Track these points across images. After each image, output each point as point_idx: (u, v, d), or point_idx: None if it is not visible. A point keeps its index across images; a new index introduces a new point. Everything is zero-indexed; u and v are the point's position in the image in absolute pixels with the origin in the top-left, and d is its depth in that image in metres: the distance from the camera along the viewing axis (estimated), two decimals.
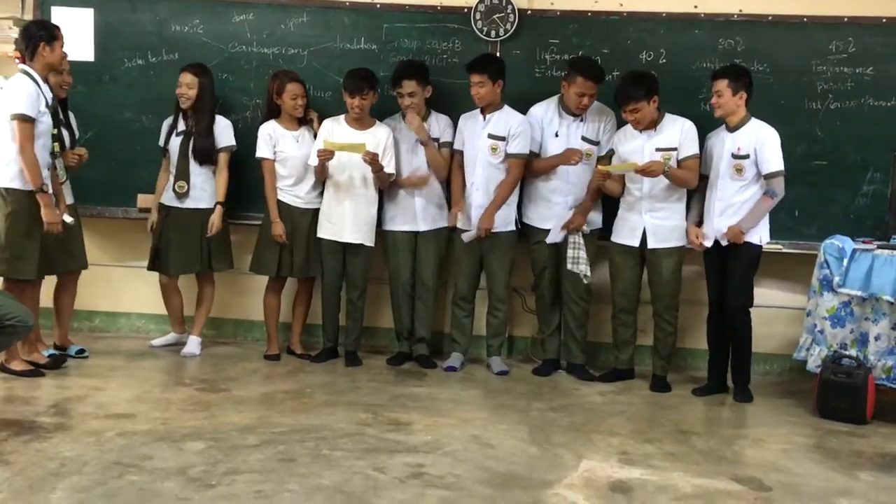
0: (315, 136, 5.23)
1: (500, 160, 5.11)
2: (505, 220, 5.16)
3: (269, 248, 5.22)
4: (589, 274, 5.07)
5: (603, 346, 5.40)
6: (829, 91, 5.22)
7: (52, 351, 5.03)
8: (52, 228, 4.59)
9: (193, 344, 5.32)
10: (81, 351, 5.15)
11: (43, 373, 4.74)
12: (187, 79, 5.13)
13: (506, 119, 5.11)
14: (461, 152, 5.19)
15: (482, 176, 5.13)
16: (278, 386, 4.80)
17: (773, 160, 4.79)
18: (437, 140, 5.22)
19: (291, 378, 4.99)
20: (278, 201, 5.21)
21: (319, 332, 5.45)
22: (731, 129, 4.85)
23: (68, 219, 4.80)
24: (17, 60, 4.82)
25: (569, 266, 5.06)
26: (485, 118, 5.12)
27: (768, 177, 4.79)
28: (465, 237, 5.11)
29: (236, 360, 5.30)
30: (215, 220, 5.20)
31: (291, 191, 5.22)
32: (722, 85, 4.79)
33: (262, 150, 5.20)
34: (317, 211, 5.24)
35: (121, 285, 5.73)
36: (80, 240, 5.08)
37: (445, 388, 4.91)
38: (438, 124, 5.23)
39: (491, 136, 5.10)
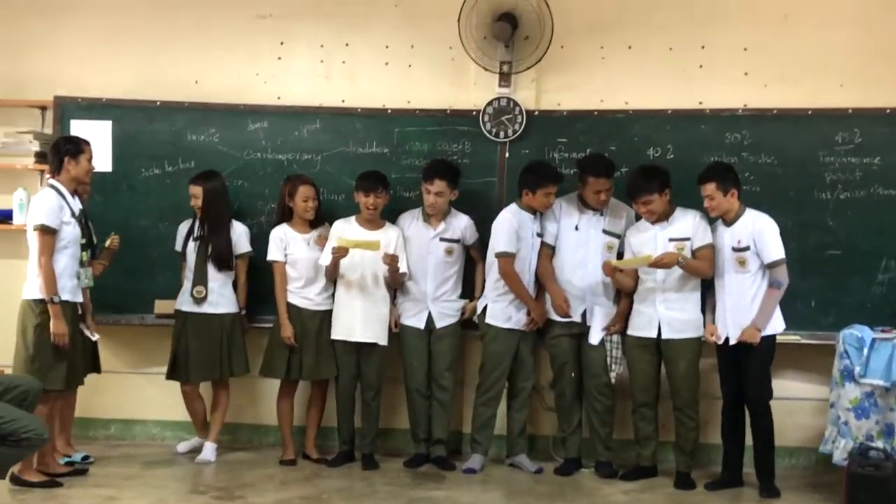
0: (319, 248, 5.25)
1: None
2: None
3: (279, 350, 5.23)
4: (620, 372, 5.09)
5: (625, 442, 5.31)
6: (838, 181, 5.25)
7: (68, 459, 5.00)
8: (59, 340, 4.63)
9: (209, 450, 5.27)
10: (86, 457, 5.12)
11: (60, 483, 4.70)
12: (193, 190, 5.23)
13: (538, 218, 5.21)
14: (514, 254, 5.12)
15: (533, 274, 5.18)
16: (294, 492, 4.73)
17: (773, 248, 4.78)
18: (458, 241, 5.25)
19: (308, 483, 4.91)
20: (288, 303, 5.23)
21: (335, 435, 5.39)
22: (728, 224, 4.87)
23: (94, 336, 4.93)
24: (48, 175, 4.95)
25: (611, 368, 5.08)
26: (534, 218, 5.18)
27: (770, 266, 4.78)
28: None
29: (252, 465, 5.23)
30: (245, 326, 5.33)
31: (301, 293, 5.24)
32: (711, 189, 4.81)
33: (273, 253, 5.26)
34: (327, 313, 5.25)
35: (136, 392, 5.71)
36: (96, 348, 5.11)
37: (465, 491, 4.82)
38: (459, 225, 5.27)
39: (538, 235, 5.18)
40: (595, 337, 5.11)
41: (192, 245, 5.25)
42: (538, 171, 5.14)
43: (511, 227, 5.11)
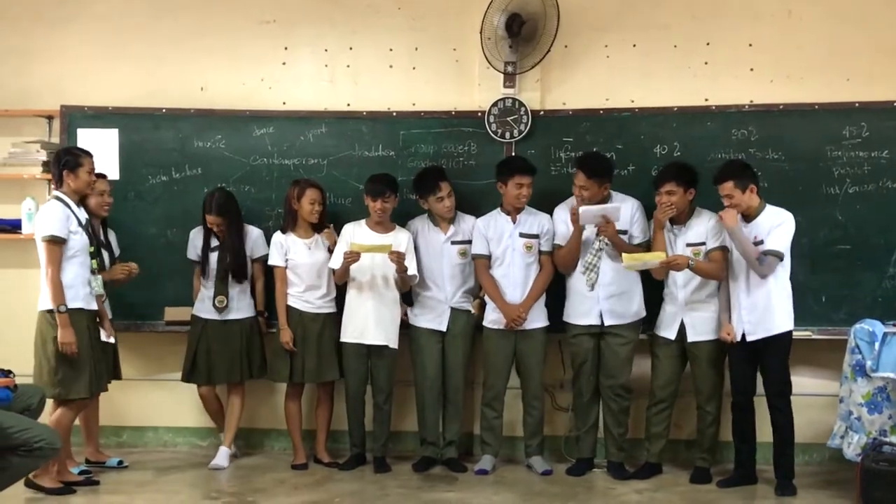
0: (327, 245, 5.26)
1: (534, 258, 5.15)
2: (540, 316, 5.17)
3: (281, 355, 5.24)
4: (595, 284, 5.00)
5: (639, 442, 5.28)
6: (847, 175, 5.23)
7: (82, 468, 5.02)
8: (67, 349, 4.63)
9: (222, 456, 5.28)
10: (120, 462, 5.20)
11: (74, 490, 4.72)
12: (213, 220, 5.17)
13: (534, 218, 5.17)
14: (488, 256, 5.18)
15: (519, 274, 5.14)
16: (306, 496, 4.74)
17: (780, 240, 4.72)
18: (469, 242, 5.24)
19: (319, 488, 4.92)
20: (289, 307, 5.24)
21: (345, 438, 5.40)
22: (748, 220, 4.83)
23: (111, 339, 4.94)
24: (53, 187, 4.96)
25: (580, 270, 5.01)
26: (514, 219, 5.16)
27: (767, 252, 4.70)
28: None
29: (264, 470, 5.24)
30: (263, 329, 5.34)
31: (303, 296, 5.25)
32: (728, 187, 4.75)
33: (274, 258, 5.27)
34: (329, 315, 5.26)
35: (148, 399, 5.72)
36: (116, 354, 5.15)
37: (477, 493, 4.82)
38: (468, 227, 5.26)
39: (524, 236, 5.14)
40: (586, 217, 4.89)
41: (212, 255, 5.24)
42: (506, 162, 5.21)
43: (478, 231, 5.19)
